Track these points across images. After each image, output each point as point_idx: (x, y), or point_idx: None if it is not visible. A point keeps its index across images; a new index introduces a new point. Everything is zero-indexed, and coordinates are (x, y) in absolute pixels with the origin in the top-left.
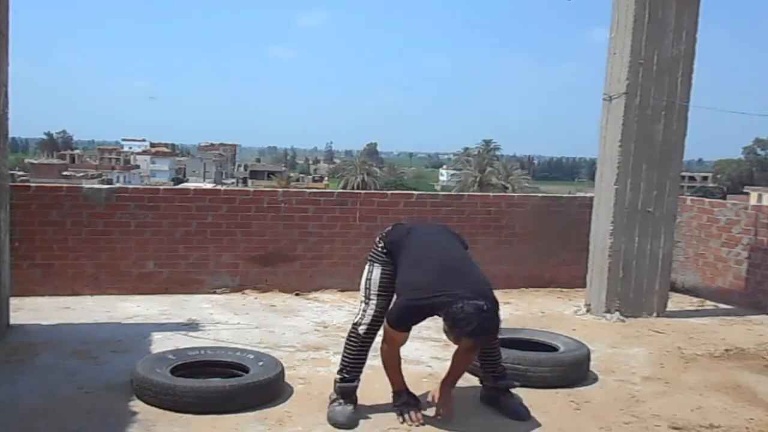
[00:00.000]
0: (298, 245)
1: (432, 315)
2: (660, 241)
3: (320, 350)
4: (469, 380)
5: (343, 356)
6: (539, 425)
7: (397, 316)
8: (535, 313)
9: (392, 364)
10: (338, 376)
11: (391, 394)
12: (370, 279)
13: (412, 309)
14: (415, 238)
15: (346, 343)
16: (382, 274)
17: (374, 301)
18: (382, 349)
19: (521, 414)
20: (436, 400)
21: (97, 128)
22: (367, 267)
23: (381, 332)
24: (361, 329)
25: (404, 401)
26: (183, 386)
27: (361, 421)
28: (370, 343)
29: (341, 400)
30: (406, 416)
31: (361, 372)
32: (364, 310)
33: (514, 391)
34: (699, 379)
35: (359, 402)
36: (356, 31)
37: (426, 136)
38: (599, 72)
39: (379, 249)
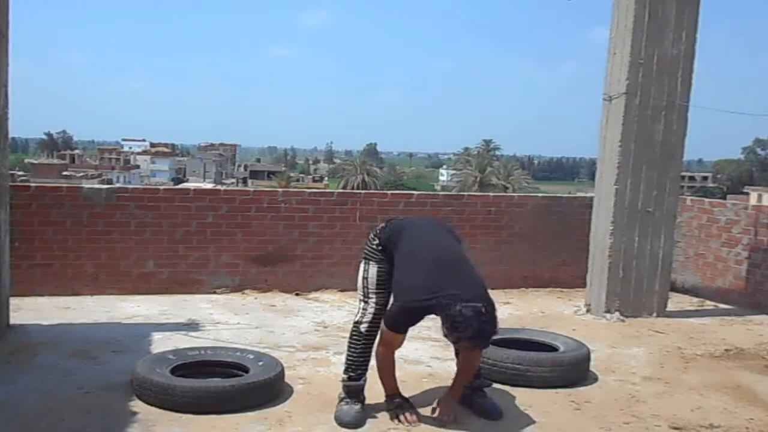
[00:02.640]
0: (298, 245)
1: (430, 315)
2: (660, 241)
3: (320, 350)
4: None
5: (348, 355)
6: (535, 424)
7: (394, 319)
8: (535, 313)
9: (387, 367)
10: (344, 376)
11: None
12: (366, 278)
13: (409, 311)
14: (409, 235)
15: (350, 343)
16: (378, 271)
17: (373, 299)
18: (377, 352)
19: (492, 413)
20: (439, 410)
21: (97, 128)
22: (362, 265)
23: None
24: (363, 327)
25: (398, 403)
26: (183, 386)
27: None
28: (374, 340)
29: (348, 399)
30: (402, 417)
31: (366, 370)
32: (364, 309)
33: (518, 394)
34: (699, 379)
35: None
36: (356, 31)
37: (426, 136)
38: (599, 72)
39: (374, 246)
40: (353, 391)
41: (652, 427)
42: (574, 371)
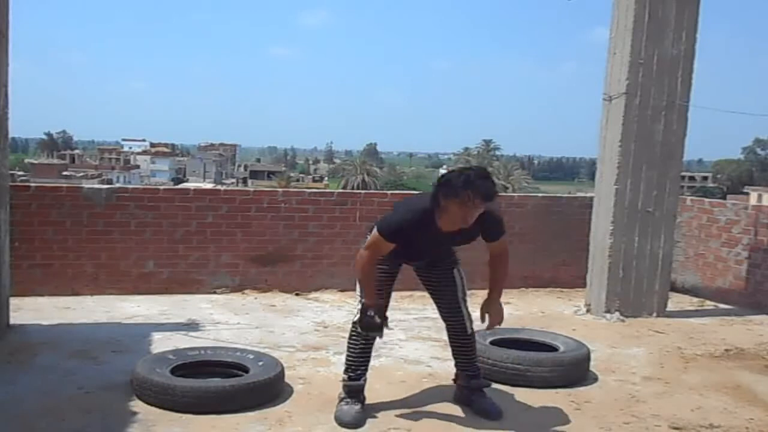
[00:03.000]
0: (298, 245)
1: (428, 226)
2: (660, 241)
3: (320, 350)
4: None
5: (347, 355)
6: (535, 424)
7: (389, 222)
8: (535, 313)
9: (370, 272)
10: (344, 376)
11: (389, 394)
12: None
13: (411, 217)
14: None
15: (349, 342)
16: (377, 271)
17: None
18: (359, 255)
19: (492, 413)
20: (489, 319)
21: (97, 128)
22: None
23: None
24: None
25: (371, 320)
26: (183, 386)
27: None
28: (373, 340)
29: (348, 399)
30: (374, 333)
31: (366, 370)
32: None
33: (518, 394)
34: (699, 379)
35: None
36: (356, 30)
37: (426, 136)
38: (599, 72)
39: None
40: (353, 390)
41: (652, 427)
42: (574, 371)
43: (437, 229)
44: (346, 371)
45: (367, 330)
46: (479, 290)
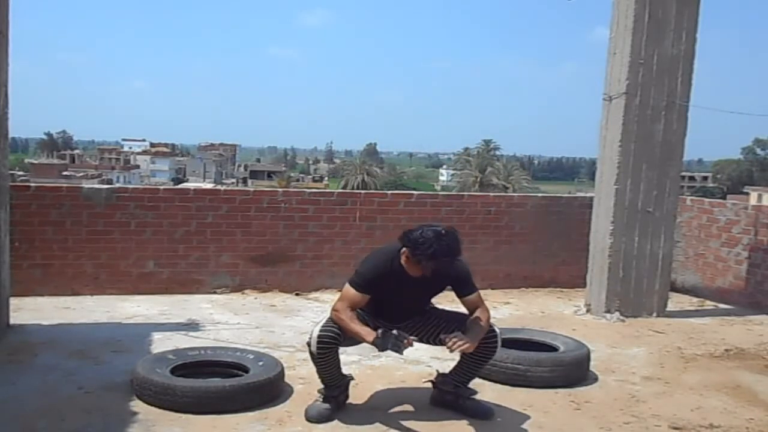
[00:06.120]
0: (298, 245)
1: (398, 274)
2: (660, 241)
3: None
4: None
5: (317, 373)
6: (535, 424)
7: (360, 273)
8: (535, 313)
9: (349, 320)
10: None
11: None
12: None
13: (379, 263)
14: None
15: (312, 361)
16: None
17: (325, 319)
18: (334, 310)
19: (482, 413)
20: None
21: (97, 128)
22: None
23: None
24: (312, 348)
25: (387, 337)
26: (183, 386)
27: (360, 421)
28: (327, 359)
29: (321, 399)
30: (401, 344)
31: (337, 382)
32: (313, 330)
33: (518, 394)
34: (699, 379)
35: (358, 401)
36: (357, 30)
37: (426, 136)
38: (600, 72)
39: None
40: (327, 396)
41: (652, 427)
42: (574, 371)
43: (407, 276)
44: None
45: (394, 348)
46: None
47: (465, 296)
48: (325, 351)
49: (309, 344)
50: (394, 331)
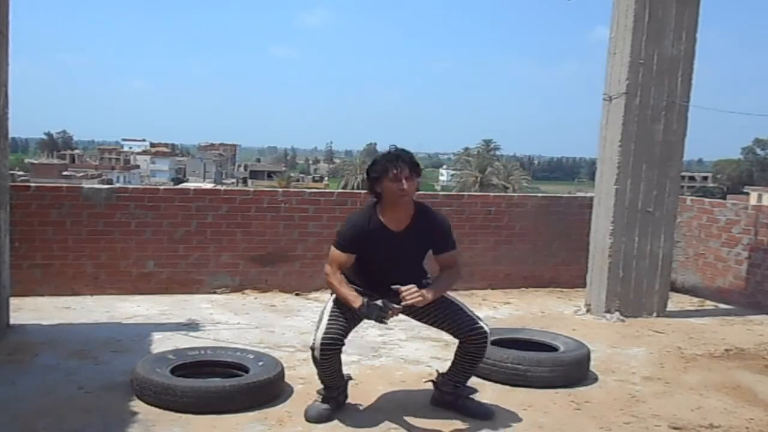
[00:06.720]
0: (298, 245)
1: (379, 230)
2: (660, 241)
3: None
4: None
5: (317, 374)
6: (535, 424)
7: (341, 232)
8: (535, 313)
9: (339, 282)
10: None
11: (384, 395)
12: (324, 308)
13: (357, 219)
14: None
15: (313, 363)
16: (334, 304)
17: (324, 323)
18: (325, 274)
19: (482, 413)
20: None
21: (97, 128)
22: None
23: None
24: (316, 353)
25: (372, 307)
26: (183, 386)
27: (360, 421)
28: (329, 362)
29: (320, 399)
30: (385, 315)
31: (337, 383)
32: (315, 335)
33: (518, 394)
34: (699, 379)
35: (358, 401)
36: (357, 30)
37: (426, 136)
38: (600, 72)
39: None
40: (326, 397)
41: (652, 427)
42: (574, 371)
43: (388, 231)
44: (320, 382)
45: (375, 318)
46: (479, 290)
47: (440, 253)
48: (329, 356)
49: (312, 348)
50: (379, 301)
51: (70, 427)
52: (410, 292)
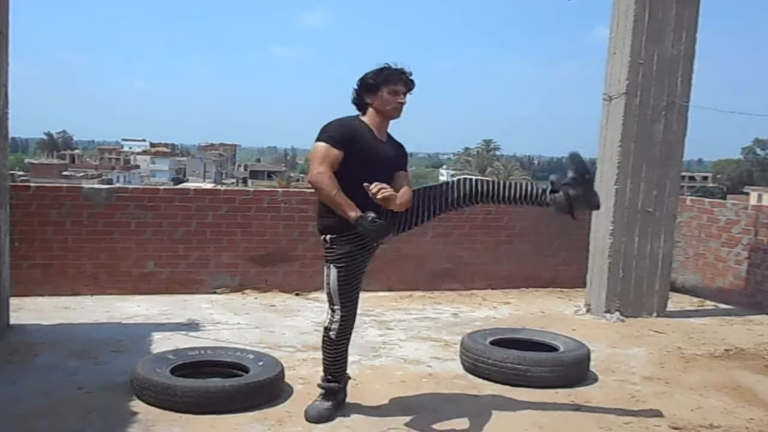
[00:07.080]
0: (298, 245)
1: (367, 132)
2: (660, 241)
3: (320, 350)
4: (472, 385)
5: (323, 360)
6: (535, 424)
7: (327, 128)
8: (535, 313)
9: (332, 186)
10: (323, 376)
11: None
12: (329, 283)
13: (346, 120)
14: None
15: (323, 348)
16: (338, 274)
17: (338, 307)
18: (313, 179)
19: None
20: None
21: (97, 128)
22: (324, 270)
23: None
24: (332, 334)
25: (364, 218)
26: (183, 386)
27: (360, 422)
28: (345, 344)
29: (322, 398)
30: (380, 229)
31: (343, 372)
32: (332, 316)
33: (518, 394)
34: (699, 379)
35: (358, 401)
36: (357, 30)
37: (426, 136)
38: (599, 72)
39: (327, 246)
40: (329, 391)
41: (652, 427)
42: (574, 371)
43: (375, 136)
44: (324, 374)
45: (374, 236)
46: (479, 290)
47: (403, 169)
48: (343, 336)
49: (328, 329)
50: (370, 213)
51: (70, 428)
52: (379, 187)
